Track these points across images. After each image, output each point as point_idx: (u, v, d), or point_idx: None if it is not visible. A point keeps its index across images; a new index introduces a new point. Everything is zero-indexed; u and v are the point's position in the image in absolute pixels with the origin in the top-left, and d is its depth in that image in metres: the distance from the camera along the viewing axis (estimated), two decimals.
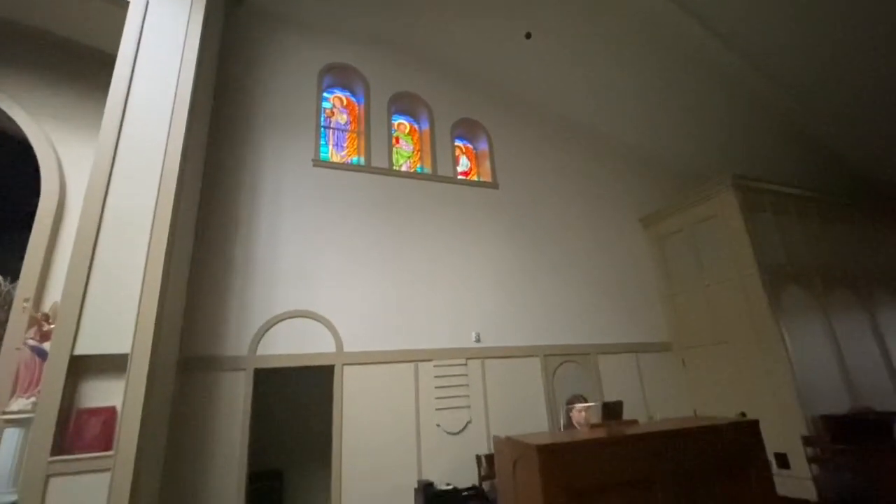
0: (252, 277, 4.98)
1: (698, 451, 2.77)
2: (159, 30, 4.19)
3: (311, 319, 5.09)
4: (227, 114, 5.51)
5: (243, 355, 4.65)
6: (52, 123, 4.30)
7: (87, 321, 3.23)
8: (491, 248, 6.45)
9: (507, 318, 6.14)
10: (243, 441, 4.39)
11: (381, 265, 5.67)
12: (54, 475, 2.94)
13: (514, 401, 5.73)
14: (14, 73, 4.34)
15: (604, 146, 8.12)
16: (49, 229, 3.98)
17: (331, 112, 6.63)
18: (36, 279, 3.78)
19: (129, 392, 3.20)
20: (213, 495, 4.14)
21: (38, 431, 3.00)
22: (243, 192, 5.29)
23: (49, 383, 3.08)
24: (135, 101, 3.87)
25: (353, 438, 4.84)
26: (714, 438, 2.85)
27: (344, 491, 4.62)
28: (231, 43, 5.83)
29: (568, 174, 7.59)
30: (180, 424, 4.18)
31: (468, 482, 5.05)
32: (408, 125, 7.20)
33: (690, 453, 2.73)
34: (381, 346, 5.30)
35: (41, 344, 3.42)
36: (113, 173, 3.62)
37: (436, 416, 5.26)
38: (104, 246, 3.44)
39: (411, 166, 6.89)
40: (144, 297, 3.41)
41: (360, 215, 5.80)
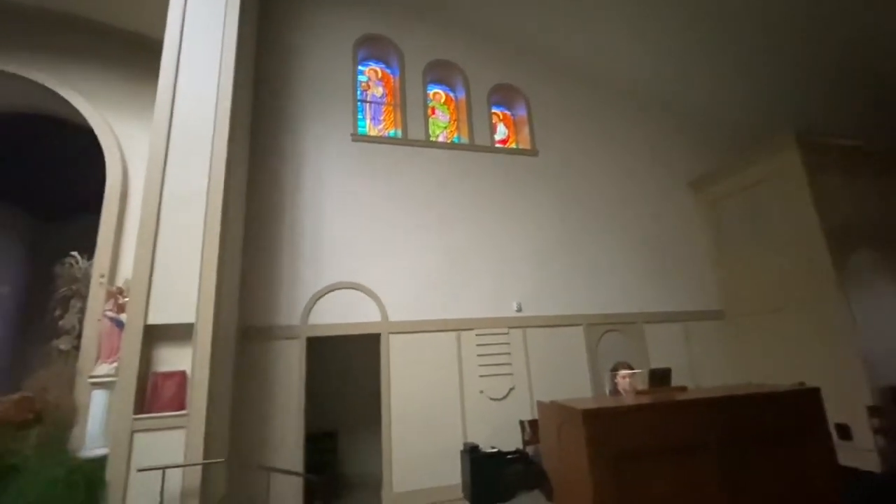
0: (300, 251, 5.19)
1: (752, 418, 2.68)
2: (200, 14, 4.29)
3: (357, 290, 5.27)
4: (268, 93, 5.64)
5: (296, 325, 4.92)
6: (112, 112, 4.57)
7: (156, 293, 3.51)
8: (531, 217, 6.35)
9: (548, 288, 6.09)
10: (300, 404, 4.70)
11: (421, 237, 5.73)
12: (138, 431, 3.28)
13: (556, 368, 5.75)
14: (77, 66, 4.62)
15: (649, 107, 7.66)
16: (116, 211, 4.30)
17: (366, 85, 6.63)
18: (109, 256, 4.13)
19: (196, 358, 3.48)
20: (276, 452, 4.49)
21: (121, 393, 3.34)
22: (287, 169, 5.45)
23: (127, 350, 3.40)
24: (182, 86, 4.02)
25: (401, 403, 5.05)
26: (770, 406, 2.75)
27: (394, 452, 4.87)
28: (268, 21, 5.89)
29: (611, 138, 7.26)
30: (243, 388, 4.52)
31: (512, 446, 5.18)
32: (443, 94, 7.09)
33: (744, 420, 2.65)
34: (424, 315, 5.43)
35: (118, 315, 3.76)
36: (168, 157, 3.81)
37: (479, 383, 5.39)
38: (165, 225, 3.68)
39: (448, 137, 6.82)
40: (204, 271, 3.64)
41: (399, 188, 5.85)
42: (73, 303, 4.08)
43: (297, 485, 4.43)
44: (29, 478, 3.04)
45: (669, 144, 7.59)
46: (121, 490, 3.12)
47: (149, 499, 3.12)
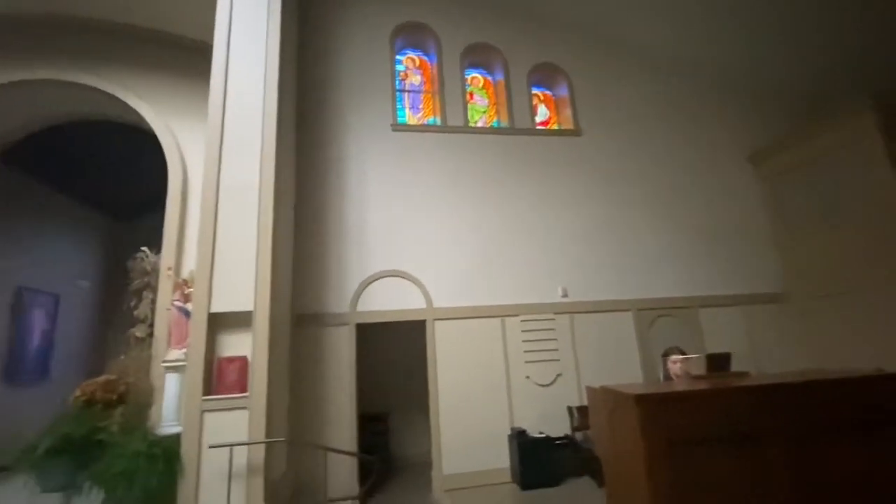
0: (346, 241, 5.35)
1: (828, 406, 2.50)
2: (245, 17, 4.44)
3: (402, 278, 5.37)
4: (311, 86, 5.79)
5: (345, 312, 5.10)
6: (172, 116, 4.88)
7: (217, 284, 3.75)
8: (575, 200, 6.18)
9: (595, 272, 5.94)
10: (352, 387, 4.89)
11: (463, 224, 5.74)
12: (207, 411, 3.55)
13: (605, 355, 5.62)
14: (138, 74, 4.95)
15: (698, 80, 7.17)
16: (179, 208, 4.61)
17: (405, 74, 6.65)
18: (174, 250, 4.45)
19: (255, 344, 3.70)
20: (331, 432, 4.71)
21: (190, 376, 3.61)
22: (332, 160, 5.61)
23: (194, 337, 3.66)
24: (232, 87, 4.19)
25: (448, 387, 5.13)
26: (846, 393, 2.55)
27: (442, 434, 4.98)
28: (307, 18, 6.02)
29: (658, 115, 6.89)
30: (299, 372, 4.77)
31: (559, 432, 5.15)
32: (482, 78, 6.99)
33: (817, 409, 2.48)
34: (468, 301, 5.46)
35: (185, 304, 4.05)
36: (222, 156, 4.01)
37: (525, 369, 5.37)
38: (222, 220, 3.90)
39: (487, 121, 6.74)
40: (259, 262, 3.84)
41: (440, 175, 5.87)
42: (145, 294, 4.43)
43: (352, 464, 4.64)
44: (116, 451, 3.37)
45: (723, 118, 7.10)
46: (194, 464, 3.39)
47: (219, 473, 3.38)
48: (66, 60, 4.81)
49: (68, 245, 7.78)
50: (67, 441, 3.38)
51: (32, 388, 6.64)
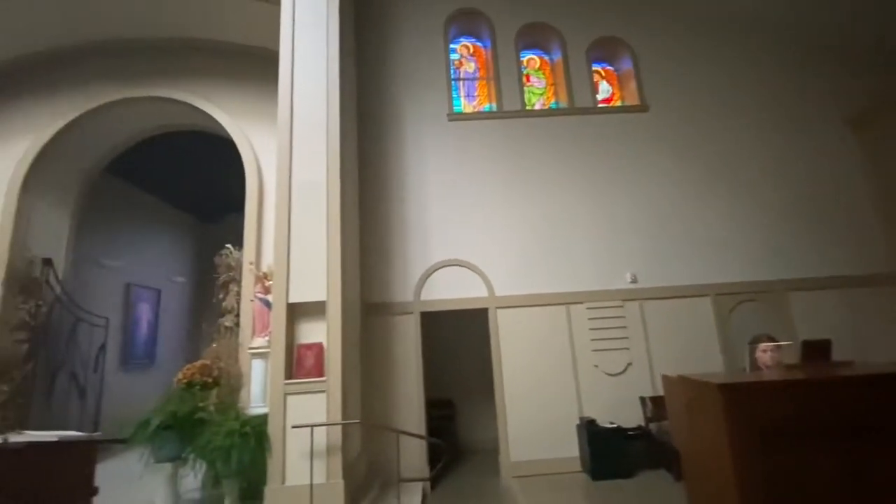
0: (408, 231, 5.49)
1: None
2: (306, 24, 4.64)
3: (463, 267, 5.41)
4: (370, 81, 5.95)
5: (410, 301, 5.25)
6: (246, 122, 5.25)
7: (294, 276, 4.01)
8: (643, 180, 5.84)
9: (667, 256, 5.60)
10: (419, 373, 5.05)
11: (523, 210, 5.65)
12: (289, 394, 3.83)
13: (681, 343, 5.31)
14: (215, 84, 5.38)
15: (781, 39, 6.41)
16: (256, 207, 4.98)
17: (459, 63, 6.62)
18: (254, 246, 4.83)
19: (329, 331, 3.93)
20: (401, 415, 4.90)
21: (273, 362, 3.92)
22: (391, 153, 5.75)
23: (275, 326, 3.96)
24: (298, 92, 4.42)
25: (513, 375, 5.13)
26: None
27: (509, 422, 4.99)
28: (363, 14, 6.16)
29: (734, 81, 6.28)
30: (369, 358, 5.00)
31: (631, 422, 4.96)
32: (538, 59, 6.78)
33: None
34: (530, 289, 5.39)
35: (266, 296, 4.39)
36: (293, 157, 4.26)
37: (593, 357, 5.22)
38: (296, 217, 4.15)
39: (545, 103, 6.54)
40: (330, 255, 4.05)
41: (497, 162, 5.81)
42: (231, 287, 4.85)
43: (421, 447, 4.80)
44: (214, 428, 3.76)
45: (813, 80, 6.31)
46: (280, 442, 3.69)
47: (302, 451, 3.65)
48: (158, 78, 5.34)
49: (165, 245, 8.71)
50: (174, 418, 3.81)
51: (142, 372, 7.56)
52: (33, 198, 5.19)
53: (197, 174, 7.51)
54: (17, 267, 4.94)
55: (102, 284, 6.83)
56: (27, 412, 4.86)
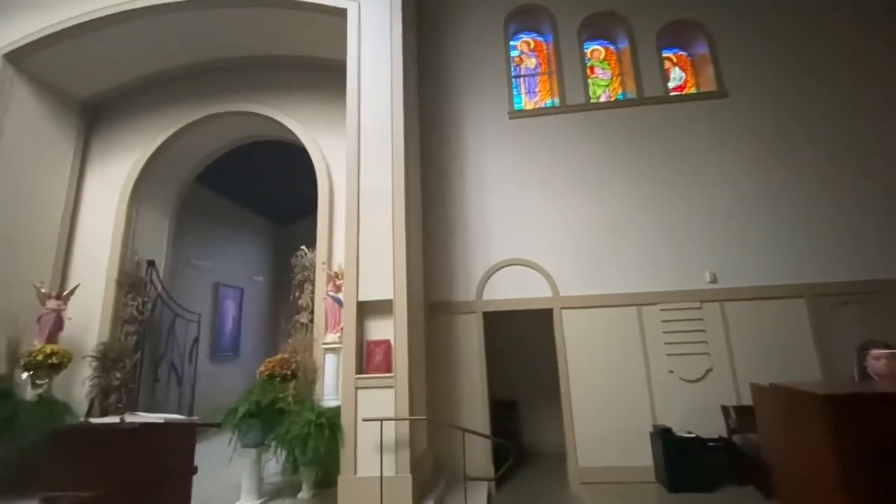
0: (470, 231, 5.51)
1: None
2: (371, 30, 4.83)
3: (525, 266, 5.34)
4: (430, 86, 6.06)
5: (472, 300, 5.27)
6: (317, 130, 5.56)
7: (363, 276, 4.19)
8: (722, 171, 5.41)
9: (752, 253, 5.14)
10: (482, 373, 5.05)
11: (589, 207, 5.46)
12: (360, 388, 4.00)
13: (768, 349, 4.85)
14: (288, 96, 5.76)
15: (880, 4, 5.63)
16: (328, 211, 5.26)
17: (519, 59, 6.54)
18: (326, 247, 5.09)
19: (396, 329, 4.05)
20: (465, 415, 4.94)
21: (345, 357, 4.11)
22: (452, 154, 5.81)
23: (347, 323, 4.16)
24: (365, 102, 4.60)
25: (580, 378, 4.97)
26: None
27: (576, 427, 4.85)
28: (424, 19, 6.29)
29: (826, 57, 5.61)
30: (433, 357, 5.09)
31: (712, 433, 4.61)
32: (602, 50, 6.52)
33: None
34: (597, 289, 5.19)
35: (337, 294, 4.62)
36: (360, 162, 4.45)
37: (667, 362, 4.92)
38: (364, 220, 4.33)
39: (611, 95, 6.27)
40: (395, 255, 4.18)
41: (561, 158, 5.67)
42: (305, 286, 5.16)
43: (486, 447, 4.80)
44: (293, 418, 4.02)
45: None
46: (352, 434, 3.86)
47: (372, 443, 3.80)
48: (241, 93, 5.83)
49: (247, 247, 9.47)
50: (257, 407, 4.11)
51: (228, 363, 8.27)
52: (139, 207, 5.87)
53: (273, 181, 8.08)
54: (127, 268, 5.61)
55: (195, 284, 7.57)
56: (136, 397, 5.50)
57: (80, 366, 5.11)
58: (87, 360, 5.14)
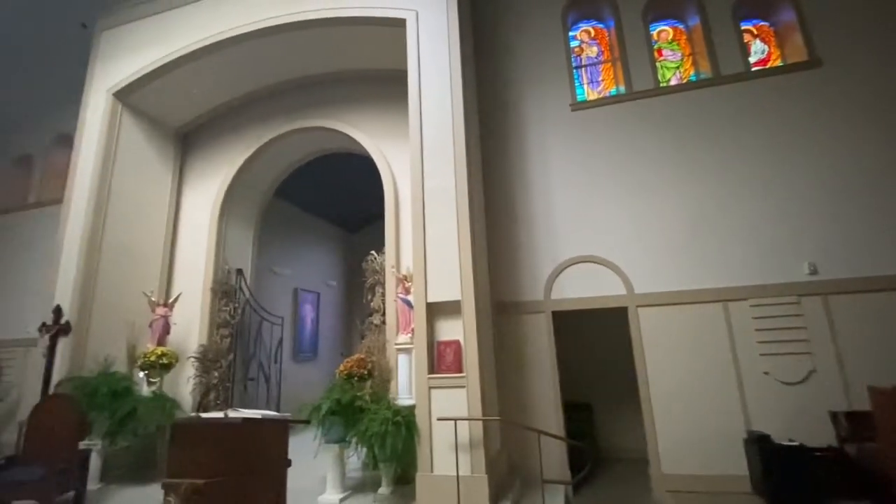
0: (534, 229, 5.43)
1: None
2: (429, 37, 4.92)
3: (596, 263, 5.15)
4: (488, 83, 6.05)
5: (540, 300, 5.18)
6: (381, 139, 5.78)
7: (431, 277, 4.28)
8: (817, 148, 4.87)
9: (859, 241, 4.57)
10: (553, 374, 4.95)
11: (663, 198, 5.16)
12: (433, 388, 4.09)
13: (884, 347, 4.28)
14: (353, 108, 6.05)
15: None
16: (394, 216, 5.44)
17: (579, 49, 6.33)
18: (394, 251, 5.27)
19: (465, 329, 4.09)
20: (537, 416, 4.87)
21: (417, 357, 4.23)
22: (514, 151, 5.76)
23: (418, 323, 4.27)
24: (427, 106, 4.70)
25: (661, 380, 4.70)
26: None
27: (659, 431, 4.59)
28: (480, 18, 6.29)
29: None
30: (502, 357, 5.07)
31: (818, 441, 4.15)
32: (670, 30, 6.13)
33: None
34: (676, 286, 4.88)
35: (407, 296, 4.76)
36: (424, 168, 4.54)
37: (762, 363, 4.51)
38: (429, 223, 4.42)
39: (682, 77, 5.87)
40: (461, 256, 4.23)
41: (629, 148, 5.41)
42: (377, 289, 5.37)
43: (561, 450, 4.69)
44: (371, 416, 4.20)
45: None
46: (427, 433, 3.96)
47: (447, 442, 3.86)
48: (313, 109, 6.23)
49: (321, 254, 10.07)
50: (339, 404, 4.35)
51: (308, 363, 8.83)
52: (228, 221, 6.45)
53: (342, 190, 8.51)
54: (220, 277, 6.19)
55: (277, 289, 8.17)
56: (231, 394, 6.05)
57: (184, 366, 5.72)
58: (189, 361, 5.74)
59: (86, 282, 5.40)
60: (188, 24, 5.81)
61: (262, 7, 5.48)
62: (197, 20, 5.78)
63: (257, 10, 5.48)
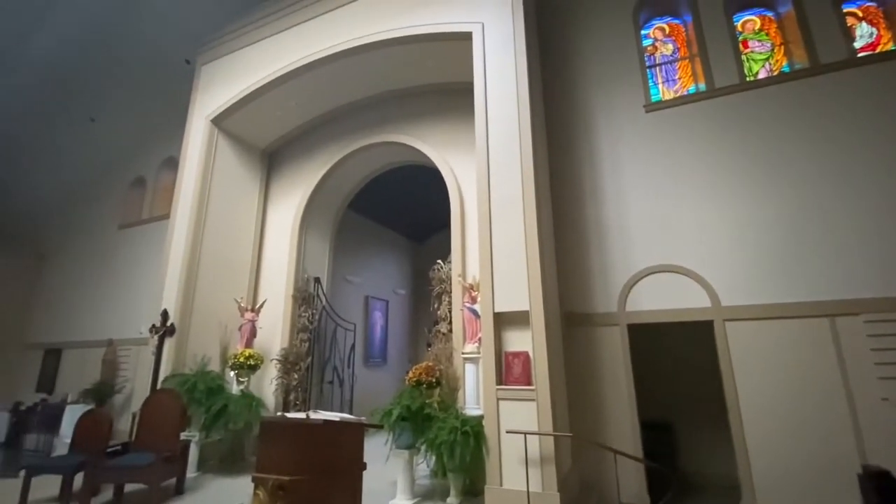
0: (606, 236, 5.21)
1: None
2: (495, 47, 4.96)
3: (675, 273, 4.82)
4: (556, 91, 5.94)
5: (613, 311, 4.94)
6: (447, 151, 5.92)
7: (498, 286, 4.26)
8: None
9: None
10: (629, 391, 4.68)
11: (753, 203, 4.72)
12: (501, 399, 4.05)
13: None
14: (419, 121, 6.27)
15: None
16: (460, 225, 5.51)
17: (653, 48, 6.03)
18: (460, 260, 5.33)
19: (535, 340, 4.01)
20: (612, 435, 4.61)
21: (485, 367, 4.21)
22: (583, 156, 5.59)
23: (485, 333, 4.26)
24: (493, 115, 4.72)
25: (754, 402, 4.26)
26: None
27: (753, 460, 4.15)
28: (546, 23, 6.22)
29: None
30: (573, 371, 4.89)
31: None
32: (757, 20, 5.64)
33: None
34: (770, 298, 4.42)
35: (473, 305, 4.77)
36: (490, 178, 4.56)
37: (880, 388, 3.93)
38: (496, 232, 4.41)
39: (773, 69, 5.36)
40: (529, 265, 4.16)
41: (712, 149, 5.03)
42: (443, 297, 5.46)
43: (639, 471, 4.41)
44: (439, 424, 4.24)
45: None
46: (496, 445, 3.92)
47: (516, 456, 3.79)
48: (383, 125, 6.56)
49: (389, 262, 10.45)
50: (408, 411, 4.45)
51: (378, 368, 9.13)
52: (307, 232, 6.94)
53: (409, 201, 8.79)
54: (299, 284, 6.64)
55: (349, 297, 8.59)
56: (308, 395, 6.42)
57: (268, 367, 6.18)
58: (273, 363, 6.19)
59: (187, 288, 6.05)
60: (274, 53, 6.37)
61: (339, 32, 5.88)
62: (281, 49, 6.33)
63: (335, 35, 5.89)
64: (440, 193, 5.93)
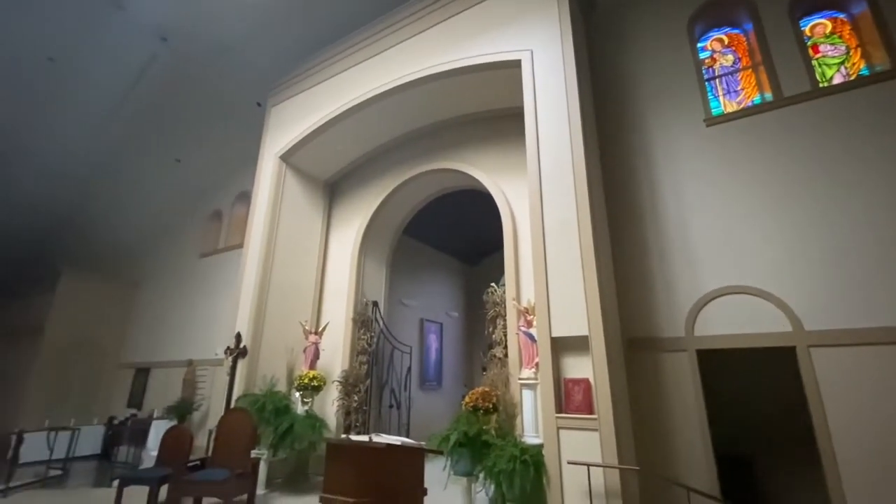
0: (669, 258, 4.99)
1: None
2: (545, 71, 5.02)
3: (748, 295, 4.50)
4: (609, 109, 5.87)
5: (681, 336, 4.68)
6: (499, 175, 5.99)
7: (554, 311, 4.18)
8: None
9: None
10: (702, 422, 4.37)
11: (834, 219, 4.34)
12: (562, 428, 3.92)
13: None
14: (470, 147, 6.42)
15: None
16: (513, 248, 5.50)
17: (711, 60, 5.82)
18: (514, 283, 5.29)
19: (595, 367, 3.87)
20: (683, 469, 4.32)
21: (544, 394, 4.11)
22: (641, 176, 5.44)
23: (543, 359, 4.18)
24: (544, 138, 4.72)
25: (849, 437, 3.83)
26: None
27: (849, 500, 3.70)
28: (597, 43, 6.21)
29: None
30: (638, 399, 4.65)
31: None
32: (828, 23, 5.31)
33: None
34: (864, 322, 4.00)
35: (528, 329, 4.71)
36: (543, 199, 4.54)
37: None
38: (550, 255, 4.36)
39: (849, 73, 4.99)
40: (587, 288, 4.06)
41: (782, 161, 4.72)
42: (497, 321, 5.42)
43: None
44: (498, 452, 4.16)
45: None
46: (557, 477, 3.78)
47: (579, 489, 3.64)
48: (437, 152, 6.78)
49: (443, 286, 10.57)
50: (466, 437, 4.42)
51: (433, 391, 9.16)
52: (365, 258, 7.24)
53: (462, 225, 8.92)
54: (359, 308, 6.90)
55: (405, 320, 8.78)
56: (368, 417, 6.57)
57: (329, 389, 6.41)
58: (334, 385, 6.42)
59: (258, 311, 6.49)
60: (337, 92, 6.86)
61: (395, 68, 6.23)
62: (343, 87, 6.80)
63: (392, 70, 6.25)
64: (492, 216, 5.98)
